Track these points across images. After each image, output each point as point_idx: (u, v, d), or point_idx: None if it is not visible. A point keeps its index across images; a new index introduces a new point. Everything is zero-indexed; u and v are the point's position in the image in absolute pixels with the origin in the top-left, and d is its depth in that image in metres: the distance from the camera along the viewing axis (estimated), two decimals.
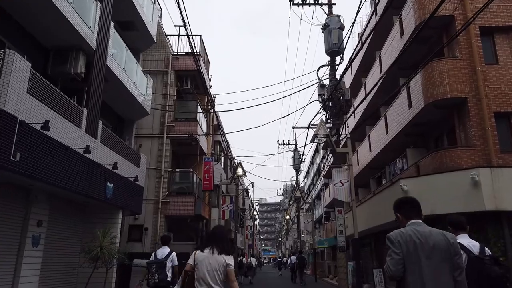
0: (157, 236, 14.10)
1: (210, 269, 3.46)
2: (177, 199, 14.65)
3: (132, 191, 11.49)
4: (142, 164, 12.52)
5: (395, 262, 2.50)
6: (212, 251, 3.53)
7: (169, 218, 14.79)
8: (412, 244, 2.50)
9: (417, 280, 2.45)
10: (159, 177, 14.73)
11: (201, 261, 3.51)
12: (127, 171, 11.10)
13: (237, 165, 17.05)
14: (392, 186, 12.02)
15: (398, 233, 2.60)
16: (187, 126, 15.31)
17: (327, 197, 31.41)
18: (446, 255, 2.48)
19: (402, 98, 13.22)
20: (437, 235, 2.55)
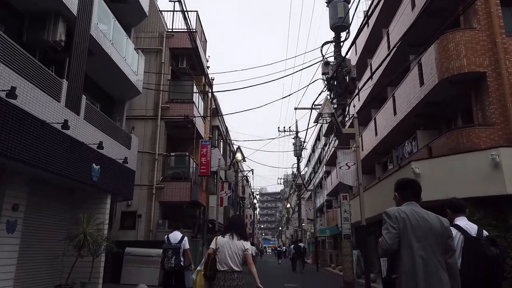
0: (151, 224, 13.36)
1: (230, 252, 3.93)
2: (172, 185, 13.85)
3: (122, 174, 10.66)
4: (133, 146, 11.68)
5: (392, 235, 2.54)
6: (232, 237, 4.00)
7: (164, 205, 14.01)
8: (409, 222, 2.54)
9: (410, 255, 2.49)
10: (153, 161, 13.90)
11: (222, 245, 3.96)
12: (116, 152, 10.26)
13: (236, 150, 16.20)
14: (402, 169, 11.19)
15: (396, 209, 2.64)
16: (183, 108, 14.43)
17: (329, 185, 30.66)
18: (441, 238, 2.54)
19: (412, 76, 12.31)
20: (434, 218, 2.61)
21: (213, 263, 3.94)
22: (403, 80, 13.08)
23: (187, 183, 13.85)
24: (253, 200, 39.11)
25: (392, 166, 15.76)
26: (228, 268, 3.90)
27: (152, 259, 12.12)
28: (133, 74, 11.55)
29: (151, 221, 13.36)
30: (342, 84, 12.85)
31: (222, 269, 3.90)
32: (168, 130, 14.73)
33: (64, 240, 8.60)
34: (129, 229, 13.36)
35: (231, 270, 3.90)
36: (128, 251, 12.20)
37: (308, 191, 28.64)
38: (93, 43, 9.09)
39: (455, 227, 3.35)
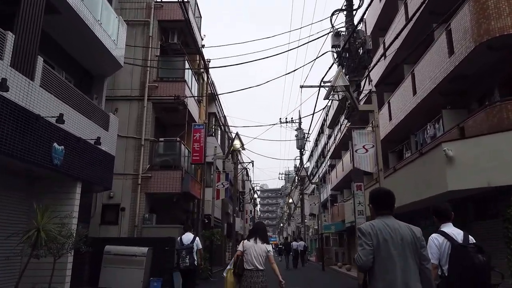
0: (136, 218, 11.69)
1: (255, 254, 4.65)
2: (160, 174, 12.17)
3: (97, 159, 8.97)
4: (112, 127, 9.97)
5: (366, 252, 2.54)
6: (256, 241, 4.72)
7: (151, 197, 12.33)
8: (382, 237, 2.55)
9: (385, 270, 2.51)
10: (138, 147, 12.21)
11: (248, 248, 4.69)
12: (88, 132, 8.56)
13: (234, 137, 14.50)
14: (429, 154, 9.49)
15: (369, 225, 2.64)
16: (173, 87, 12.72)
17: (333, 178, 28.94)
18: (413, 248, 2.55)
19: (438, 46, 10.58)
20: (405, 229, 2.61)
21: (241, 263, 4.61)
22: (425, 53, 11.35)
23: (178, 172, 12.17)
24: (253, 195, 37.42)
25: (409, 154, 14.04)
26: (254, 267, 4.57)
27: (136, 259, 10.48)
28: (111, 43, 9.83)
29: (136, 215, 11.69)
30: (355, 58, 11.11)
31: (249, 268, 4.57)
32: (157, 112, 13.03)
33: (13, 236, 6.89)
34: (111, 224, 11.71)
35: (256, 268, 4.57)
36: (108, 249, 10.55)
37: (312, 184, 26.87)
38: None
39: (442, 234, 3.38)
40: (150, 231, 11.52)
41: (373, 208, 2.79)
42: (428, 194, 9.25)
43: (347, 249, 25.28)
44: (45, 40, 7.73)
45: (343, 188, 26.91)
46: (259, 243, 4.69)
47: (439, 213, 3.49)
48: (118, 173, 12.00)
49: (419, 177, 10.07)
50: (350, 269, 19.03)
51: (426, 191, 9.42)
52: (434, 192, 8.94)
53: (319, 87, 11.94)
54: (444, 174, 8.36)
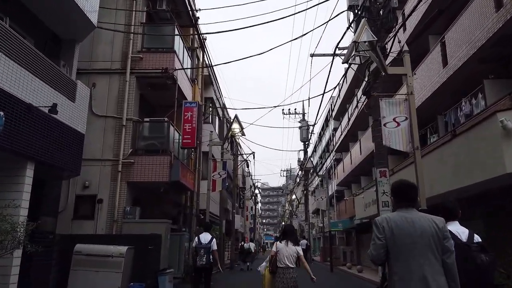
0: (116, 211, 9.84)
1: (287, 254, 5.32)
2: (145, 160, 10.32)
3: (57, 135, 7.12)
4: (80, 98, 8.12)
5: (377, 246, 2.53)
6: (287, 243, 5.40)
7: (134, 187, 10.49)
8: (397, 230, 2.50)
9: (401, 263, 2.45)
10: (119, 128, 10.36)
11: (281, 249, 5.38)
12: (44, 100, 6.71)
13: (233, 120, 12.65)
14: (471, 132, 7.63)
15: (384, 218, 2.61)
16: (160, 59, 10.87)
17: (340, 173, 27.05)
18: (434, 240, 2.48)
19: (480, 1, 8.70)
20: (426, 221, 2.54)
21: (275, 262, 5.35)
22: (461, 13, 9.47)
23: (166, 157, 10.31)
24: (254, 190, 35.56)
25: (436, 138, 12.17)
26: (285, 265, 5.28)
27: (113, 260, 8.62)
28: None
29: (116, 208, 9.85)
30: (377, 20, 9.24)
31: (281, 266, 5.29)
32: (142, 89, 11.17)
33: None
34: (85, 219, 9.87)
35: (287, 266, 5.28)
36: (78, 249, 8.69)
37: (319, 176, 24.98)
38: None
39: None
40: (132, 227, 9.69)
41: (394, 200, 2.73)
42: (474, 180, 7.39)
43: (356, 249, 23.44)
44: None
45: (351, 182, 25.05)
46: (290, 245, 5.38)
47: (447, 211, 3.32)
48: (94, 158, 10.19)
49: (458, 161, 8.20)
50: (361, 271, 17.17)
51: (470, 177, 7.56)
52: (483, 176, 7.09)
53: (333, 55, 10.07)
54: (500, 153, 6.51)
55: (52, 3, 7.59)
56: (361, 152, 20.38)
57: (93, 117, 10.39)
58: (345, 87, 25.08)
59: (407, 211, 2.59)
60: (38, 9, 7.76)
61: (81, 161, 8.18)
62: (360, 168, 21.31)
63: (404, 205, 2.62)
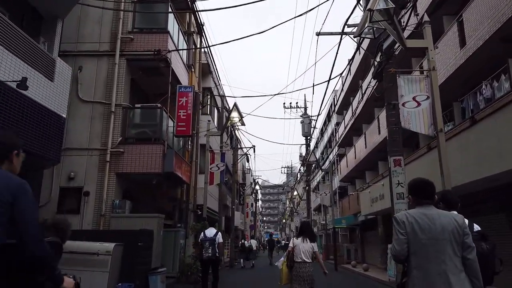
0: (103, 205, 9.01)
1: (304, 250, 5.60)
2: (136, 149, 9.48)
3: (32, 117, 6.28)
4: (60, 77, 7.28)
5: (400, 241, 2.53)
6: (303, 240, 5.67)
7: (124, 178, 9.65)
8: (417, 226, 2.51)
9: (421, 259, 2.46)
10: (107, 115, 9.52)
11: (297, 245, 5.64)
12: (14, 74, 5.86)
13: (232, 108, 11.81)
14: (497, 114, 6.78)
15: (404, 214, 2.63)
16: (153, 40, 10.02)
17: (343, 168, 26.20)
18: (454, 237, 2.48)
19: None
20: (446, 218, 2.56)
21: (292, 257, 5.57)
22: None
23: (158, 146, 9.48)
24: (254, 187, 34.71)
25: (451, 126, 11.32)
26: (302, 260, 5.54)
27: (99, 258, 7.80)
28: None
29: (104, 201, 9.01)
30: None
31: (298, 261, 5.55)
32: (133, 73, 10.32)
33: None
34: (71, 213, 9.03)
35: (303, 261, 5.54)
36: None
37: (322, 170, 24.13)
38: None
39: None
40: (121, 222, 8.87)
41: (412, 198, 2.72)
42: (505, 167, 6.55)
43: (360, 246, 22.61)
44: None
45: (356, 178, 24.22)
46: (307, 241, 5.64)
47: (448, 202, 3.33)
48: (81, 147, 9.36)
49: (482, 148, 7.37)
50: (367, 269, 16.36)
51: (499, 165, 6.73)
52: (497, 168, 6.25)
53: (341, 34, 9.19)
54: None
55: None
56: (366, 145, 19.55)
57: (79, 102, 9.57)
58: (348, 79, 24.22)
59: (426, 208, 2.60)
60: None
61: (61, 148, 7.36)
62: (365, 162, 20.47)
63: (422, 203, 2.63)
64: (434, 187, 2.72)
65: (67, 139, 9.35)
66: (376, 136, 17.62)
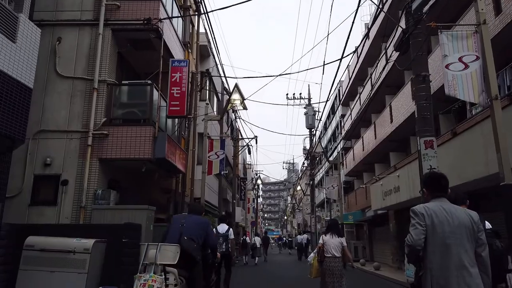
0: (84, 195, 7.78)
1: (333, 245, 6.03)
2: (122, 131, 8.25)
3: None
4: (25, 39, 6.04)
5: (418, 231, 2.53)
6: (332, 236, 6.13)
7: (109, 165, 8.42)
8: (436, 219, 2.53)
9: (439, 251, 2.48)
10: (90, 92, 8.29)
11: (327, 241, 6.11)
12: None
13: (233, 89, 10.58)
14: None
15: (422, 206, 2.63)
16: (142, 7, 8.77)
17: (349, 162, 24.95)
18: (470, 232, 2.51)
19: None
20: (461, 212, 2.59)
21: (322, 252, 6.03)
22: None
23: (148, 128, 8.24)
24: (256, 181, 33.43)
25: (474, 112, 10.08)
26: (332, 255, 5.97)
27: (75, 257, 6.58)
28: None
29: (84, 191, 7.79)
30: None
31: (328, 256, 5.98)
32: (120, 46, 9.07)
33: None
34: (46, 205, 7.83)
35: (333, 256, 5.96)
36: (30, 242, 6.64)
37: (330, 162, 22.79)
38: None
39: None
40: (104, 214, 7.65)
41: (427, 191, 2.76)
42: None
43: (369, 243, 21.39)
44: None
45: (363, 171, 23.00)
46: (335, 237, 6.10)
47: (455, 199, 3.21)
48: (58, 129, 8.14)
49: None
50: (379, 268, 15.17)
51: None
52: None
53: None
54: None
55: None
56: (376, 136, 18.32)
57: (58, 78, 8.33)
58: (356, 65, 22.92)
59: (442, 201, 2.64)
60: None
61: (27, 125, 6.12)
62: (374, 154, 19.26)
63: (438, 195, 2.66)
64: (448, 181, 2.73)
65: (42, 120, 8.15)
66: (388, 126, 16.39)
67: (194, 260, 4.36)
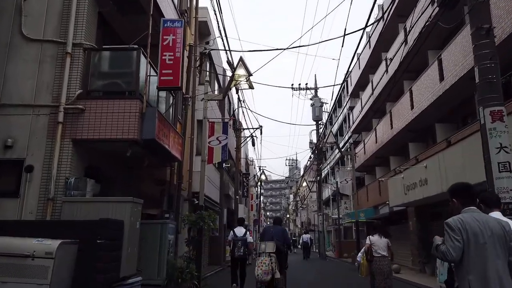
0: (53, 185, 6.22)
1: (382, 246, 6.37)
2: (102, 106, 6.67)
3: None
4: None
5: (456, 248, 2.52)
6: (380, 236, 6.47)
7: (85, 148, 6.84)
8: (471, 231, 2.53)
9: (477, 263, 2.47)
10: (61, 58, 6.72)
11: (375, 241, 6.42)
12: None
13: (238, 63, 9.04)
14: None
15: (457, 219, 2.61)
16: None
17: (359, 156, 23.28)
18: (502, 241, 2.53)
19: None
20: (493, 222, 2.61)
21: (371, 252, 6.35)
22: None
23: (134, 102, 6.66)
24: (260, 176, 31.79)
25: None
26: (381, 255, 6.29)
27: (34, 263, 5.01)
28: None
29: (53, 179, 6.22)
30: None
31: (376, 255, 6.31)
32: (100, 4, 7.46)
33: None
34: (6, 197, 6.27)
35: (382, 256, 6.28)
36: None
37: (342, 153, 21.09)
38: None
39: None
40: (78, 208, 6.08)
41: (458, 202, 2.75)
42: None
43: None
44: None
45: (375, 166, 21.40)
46: (382, 238, 6.45)
47: (489, 201, 3.22)
48: (22, 103, 6.59)
49: None
50: (399, 271, 13.61)
51: None
52: None
53: None
54: None
55: None
56: (392, 125, 16.72)
57: (23, 41, 6.78)
58: (366, 52, 21.33)
59: (474, 212, 2.64)
60: None
61: None
62: (389, 146, 17.67)
63: (467, 205, 2.67)
64: (475, 190, 2.76)
65: (3, 92, 6.61)
66: (408, 113, 14.80)
67: (280, 250, 7.15)
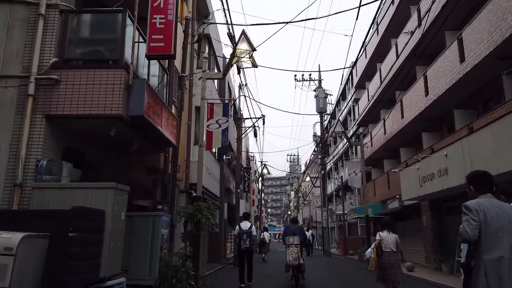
0: (20, 169, 5.23)
1: (391, 241, 6.40)
2: (81, 76, 5.68)
3: None
4: None
5: (473, 227, 2.60)
6: (389, 232, 6.53)
7: (62, 126, 5.85)
8: (489, 214, 2.60)
9: (493, 246, 2.55)
10: (34, 22, 5.73)
11: (384, 237, 6.43)
12: None
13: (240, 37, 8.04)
14: None
15: (475, 202, 2.70)
16: None
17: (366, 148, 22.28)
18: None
19: None
20: (509, 207, 2.69)
21: (380, 247, 6.34)
22: None
23: (118, 72, 5.67)
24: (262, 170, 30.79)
25: None
26: (390, 250, 6.33)
27: None
28: None
29: (22, 161, 5.24)
30: None
31: (387, 250, 6.32)
32: None
33: None
34: None
35: (391, 251, 6.33)
36: None
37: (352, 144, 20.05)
38: None
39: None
40: (50, 195, 5.11)
41: (474, 189, 2.83)
42: None
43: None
44: None
45: (383, 158, 20.40)
46: (391, 234, 6.52)
47: (508, 191, 3.34)
48: None
49: None
50: (413, 269, 12.65)
51: None
52: None
53: None
54: None
55: None
56: (403, 115, 15.72)
57: None
58: (375, 40, 20.31)
59: (492, 198, 2.71)
60: None
61: None
62: (400, 137, 16.68)
63: (485, 192, 2.75)
64: (493, 179, 2.80)
65: None
66: (421, 100, 13.81)
67: (301, 242, 8.54)
